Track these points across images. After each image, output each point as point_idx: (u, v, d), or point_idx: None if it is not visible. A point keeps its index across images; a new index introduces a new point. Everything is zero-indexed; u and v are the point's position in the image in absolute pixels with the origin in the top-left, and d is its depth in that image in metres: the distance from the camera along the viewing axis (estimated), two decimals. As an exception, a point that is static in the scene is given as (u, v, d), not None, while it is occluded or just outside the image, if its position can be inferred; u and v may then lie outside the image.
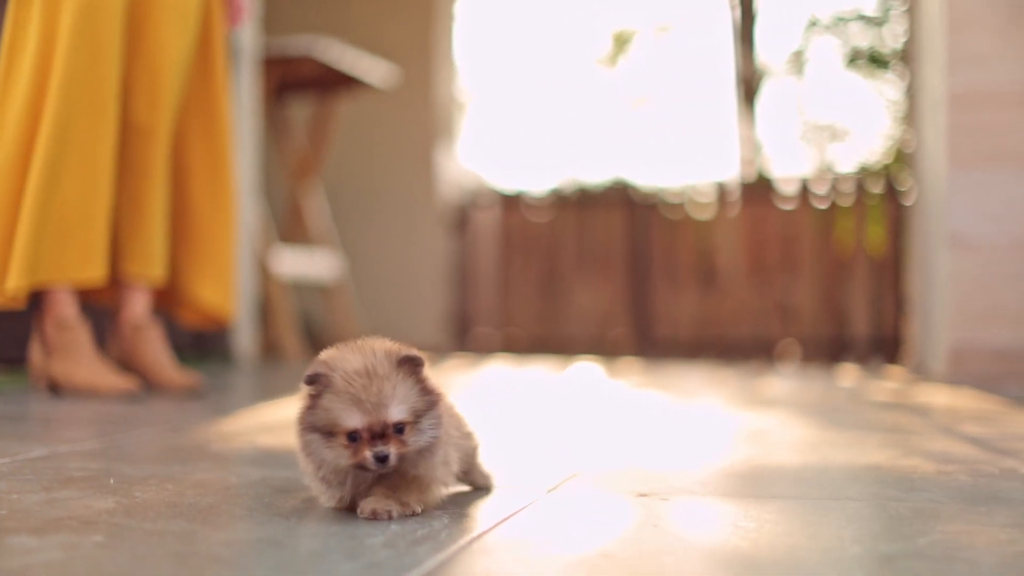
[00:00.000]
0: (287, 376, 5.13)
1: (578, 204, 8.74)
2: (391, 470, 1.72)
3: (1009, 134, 4.79)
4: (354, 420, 1.68)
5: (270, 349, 6.05)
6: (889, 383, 5.13)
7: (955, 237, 4.87)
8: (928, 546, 1.60)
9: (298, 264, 6.13)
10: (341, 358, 1.72)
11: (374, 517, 1.72)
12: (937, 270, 5.17)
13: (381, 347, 1.74)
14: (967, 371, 4.82)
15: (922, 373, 5.57)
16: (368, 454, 1.68)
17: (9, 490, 1.99)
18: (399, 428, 1.70)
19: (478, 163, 9.30)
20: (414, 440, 1.72)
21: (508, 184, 9.20)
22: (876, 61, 11.49)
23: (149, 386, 3.88)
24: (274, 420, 3.24)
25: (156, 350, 3.95)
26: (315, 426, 1.71)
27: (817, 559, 1.52)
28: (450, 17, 8.49)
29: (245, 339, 5.72)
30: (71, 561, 1.47)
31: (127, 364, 3.95)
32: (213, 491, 2.04)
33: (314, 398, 1.72)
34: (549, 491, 2.08)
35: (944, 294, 4.96)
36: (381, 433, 1.69)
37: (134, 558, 1.50)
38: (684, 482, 2.24)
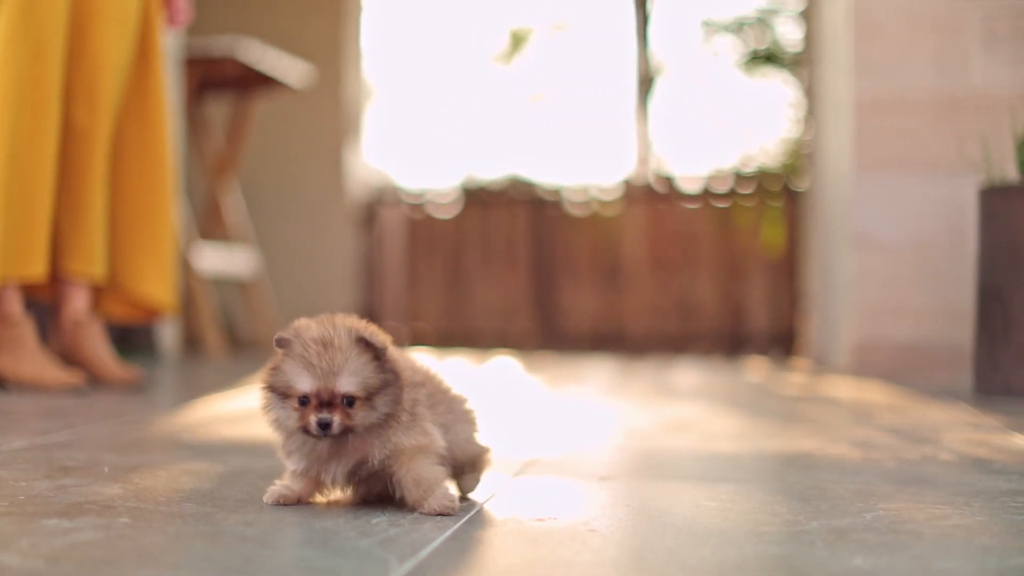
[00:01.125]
0: (216, 371, 5.23)
1: (482, 201, 8.91)
2: (333, 438, 1.78)
3: (913, 139, 5.06)
4: (304, 384, 1.76)
5: (192, 344, 6.14)
6: (796, 376, 5.37)
7: (861, 237, 5.13)
8: (874, 520, 1.80)
9: (218, 260, 6.21)
10: (306, 327, 1.80)
11: (440, 513, 1.80)
12: (842, 269, 5.43)
13: (345, 323, 1.81)
14: (871, 364, 5.08)
15: (826, 366, 5.84)
16: (312, 419, 1.76)
17: (13, 478, 2.10)
18: (349, 401, 1.76)
19: (385, 161, 9.41)
20: (362, 417, 1.78)
21: (414, 181, 9.33)
22: (773, 62, 11.82)
23: (91, 380, 3.97)
24: (228, 412, 3.37)
25: (97, 345, 4.05)
26: (273, 386, 1.80)
27: (782, 532, 1.71)
28: (358, 17, 8.60)
29: (168, 334, 5.80)
30: (110, 540, 1.60)
31: (68, 359, 4.04)
32: (206, 478, 2.17)
33: (277, 361, 1.80)
34: (515, 476, 2.24)
35: (849, 292, 5.21)
36: (329, 402, 1.76)
37: (167, 536, 1.64)
38: (635, 468, 2.42)
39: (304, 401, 1.77)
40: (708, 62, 12.74)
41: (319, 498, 1.91)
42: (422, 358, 2.04)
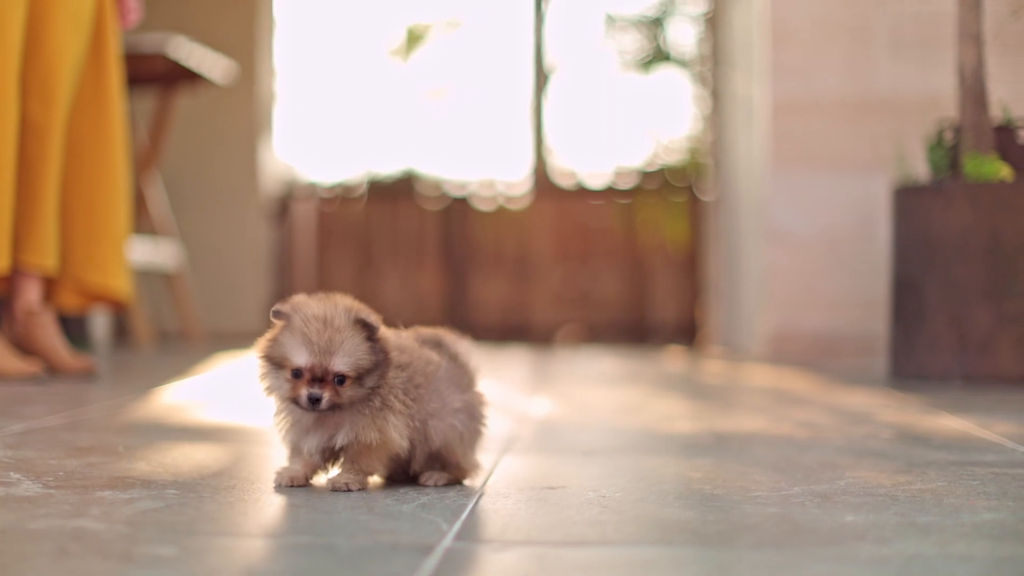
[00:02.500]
0: (154, 359, 5.32)
1: (391, 195, 9.06)
2: (319, 412, 1.85)
3: (825, 139, 5.34)
4: (300, 359, 1.83)
5: (121, 334, 6.20)
6: (714, 364, 5.62)
7: (776, 233, 5.39)
8: (848, 486, 2.01)
9: (144, 253, 6.28)
10: (306, 304, 1.88)
11: (335, 489, 1.89)
12: (756, 262, 5.70)
13: (344, 303, 1.88)
14: (786, 353, 5.35)
15: (739, 354, 6.10)
16: (304, 392, 1.83)
17: (41, 457, 2.23)
18: (340, 379, 1.84)
19: (294, 156, 9.50)
20: (350, 395, 1.85)
21: (323, 176, 9.44)
22: (670, 61, 12.10)
23: (47, 369, 4.06)
24: (193, 398, 3.50)
25: (50, 335, 4.13)
26: (270, 356, 1.87)
27: (771, 496, 1.91)
28: (271, 14, 8.69)
29: (100, 325, 5.87)
30: (172, 508, 1.75)
31: (22, 348, 4.11)
32: (218, 458, 2.32)
33: (275, 333, 1.87)
34: (502, 454, 2.42)
35: (765, 284, 5.47)
36: (321, 377, 1.83)
37: (223, 505, 1.79)
38: (611, 444, 2.62)
39: (297, 374, 1.84)
40: (607, 59, 12.97)
41: (318, 479, 1.98)
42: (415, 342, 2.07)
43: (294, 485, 1.94)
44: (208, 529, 1.62)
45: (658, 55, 12.21)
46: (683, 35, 12.21)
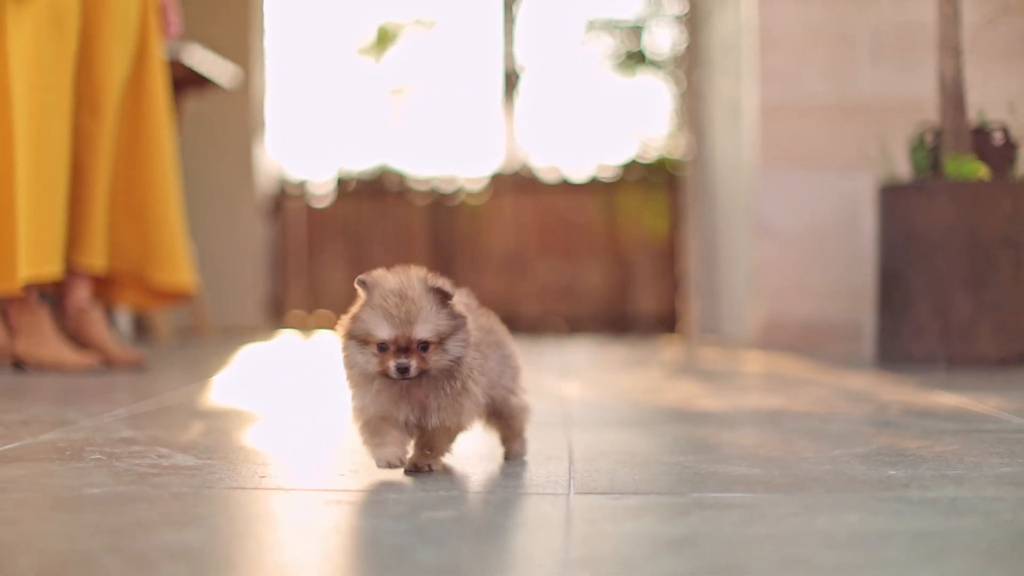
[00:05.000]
0: (185, 352, 5.61)
1: (380, 191, 9.38)
2: (411, 380, 1.94)
3: (810, 140, 5.71)
4: (384, 332, 1.91)
5: (140, 330, 6.49)
6: (710, 351, 5.97)
7: (765, 227, 5.76)
8: (879, 449, 2.36)
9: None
10: (383, 277, 1.96)
11: (417, 471, 2.05)
12: (744, 255, 6.07)
13: (417, 274, 1.97)
14: (777, 340, 5.71)
15: (725, 342, 6.46)
16: (392, 363, 1.91)
17: (168, 435, 2.53)
18: (423, 346, 1.92)
19: (285, 155, 9.79)
20: (435, 360, 1.94)
21: (314, 173, 9.73)
22: (647, 63, 12.48)
23: (101, 361, 4.34)
24: (246, 385, 3.81)
25: (101, 329, 4.42)
26: (353, 335, 1.95)
27: (819, 457, 2.25)
28: (262, 18, 8.97)
29: (123, 321, 6.16)
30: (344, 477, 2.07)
31: (76, 342, 4.40)
32: (306, 434, 2.64)
33: (356, 312, 1.96)
34: (568, 427, 2.74)
35: (755, 276, 5.84)
36: (406, 347, 1.91)
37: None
38: (655, 419, 2.95)
39: (383, 347, 1.92)
40: (586, 59, 13.33)
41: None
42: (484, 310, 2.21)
43: (398, 466, 1.99)
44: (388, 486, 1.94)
45: (636, 57, 12.59)
46: (661, 38, 12.58)
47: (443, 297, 1.95)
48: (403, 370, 1.91)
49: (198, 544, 1.50)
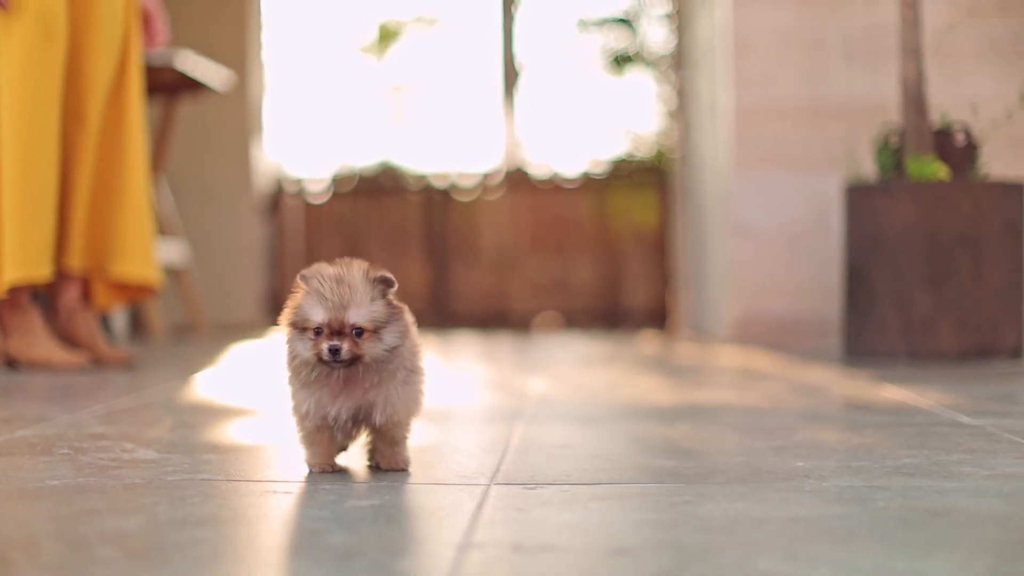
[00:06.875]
0: (176, 350, 5.78)
1: (375, 188, 9.56)
2: (344, 365, 1.95)
3: (784, 141, 5.86)
4: (318, 316, 1.94)
5: (136, 328, 6.67)
6: (686, 346, 6.13)
7: (740, 226, 5.92)
8: (801, 441, 2.51)
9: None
10: (323, 267, 1.99)
11: (392, 470, 2.11)
12: (723, 253, 6.22)
13: (359, 265, 1.99)
14: (751, 335, 5.88)
15: (709, 337, 6.62)
16: (324, 345, 1.93)
17: (138, 431, 2.70)
18: (358, 332, 1.94)
19: (282, 152, 9.97)
20: (370, 347, 1.96)
21: (311, 171, 9.91)
22: (638, 62, 12.63)
23: (91, 360, 4.51)
24: (233, 382, 3.97)
25: (91, 329, 4.60)
26: (293, 323, 1.99)
27: (738, 449, 2.41)
28: (259, 19, 9.15)
29: (119, 319, 6.33)
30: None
31: (66, 342, 4.57)
32: (272, 428, 2.80)
33: (296, 300, 1.99)
34: (516, 422, 2.90)
35: (730, 273, 6.00)
36: (339, 331, 1.93)
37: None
38: (604, 415, 3.11)
39: (318, 332, 1.94)
40: (579, 58, 13.48)
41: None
42: None
43: (329, 471, 2.08)
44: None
45: (627, 56, 12.74)
46: (651, 36, 12.73)
47: (384, 287, 1.98)
48: (335, 351, 1.92)
49: (136, 530, 1.66)
